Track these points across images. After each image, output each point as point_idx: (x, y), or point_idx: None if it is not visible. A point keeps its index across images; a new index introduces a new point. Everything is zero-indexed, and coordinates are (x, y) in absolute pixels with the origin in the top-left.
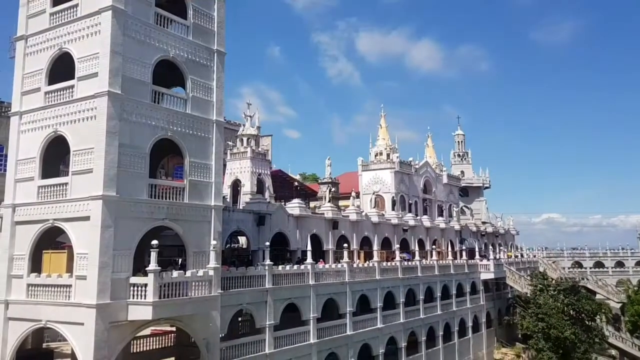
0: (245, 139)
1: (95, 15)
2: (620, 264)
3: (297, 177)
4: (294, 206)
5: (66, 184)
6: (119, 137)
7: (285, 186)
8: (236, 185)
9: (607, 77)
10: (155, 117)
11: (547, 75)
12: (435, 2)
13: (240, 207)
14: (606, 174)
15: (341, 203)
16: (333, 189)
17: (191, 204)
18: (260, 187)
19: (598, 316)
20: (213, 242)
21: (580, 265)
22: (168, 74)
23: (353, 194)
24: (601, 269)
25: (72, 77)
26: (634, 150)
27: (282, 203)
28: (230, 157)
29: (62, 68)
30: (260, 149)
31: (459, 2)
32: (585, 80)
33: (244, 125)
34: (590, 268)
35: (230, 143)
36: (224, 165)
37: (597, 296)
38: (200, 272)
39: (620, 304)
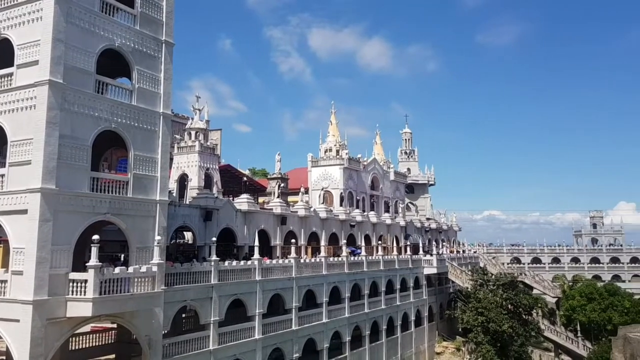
0: (193, 133)
1: (37, 0)
2: (556, 260)
3: (247, 172)
4: (242, 201)
5: (2, 175)
6: (59, 127)
7: (234, 181)
8: (183, 180)
9: (550, 79)
10: (98, 108)
11: (492, 76)
12: (386, 1)
13: (187, 202)
14: (545, 174)
15: (290, 199)
16: (282, 185)
17: (135, 198)
18: (208, 181)
19: (535, 310)
20: (157, 238)
21: (518, 261)
22: (113, 64)
23: (302, 189)
24: (538, 265)
25: (11, 65)
26: (571, 152)
27: (230, 198)
28: (178, 150)
29: (0, 55)
30: (208, 143)
31: (409, 3)
32: (528, 82)
33: (192, 118)
34: (528, 264)
35: (177, 136)
36: (171, 159)
37: (534, 291)
38: (144, 268)
39: (555, 299)
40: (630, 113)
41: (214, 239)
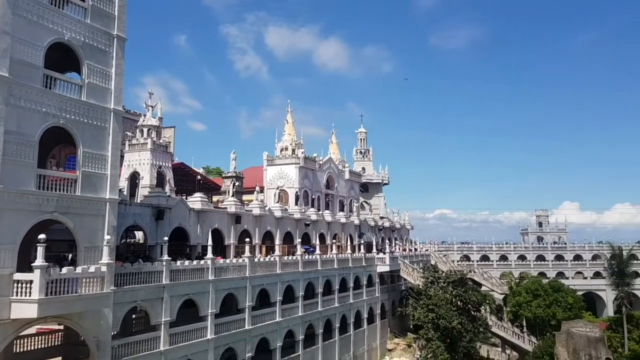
0: (145, 130)
1: None
2: (504, 257)
3: (201, 170)
4: (196, 200)
5: None
6: (4, 123)
7: (187, 180)
8: (134, 178)
9: (501, 82)
10: (46, 103)
11: (446, 78)
12: (343, 2)
13: (138, 201)
14: (495, 174)
15: (245, 197)
16: (237, 183)
17: (84, 196)
18: (160, 180)
19: (483, 307)
20: (107, 237)
21: (468, 259)
22: (62, 59)
23: (257, 188)
24: (487, 262)
25: None
26: (520, 153)
27: (184, 197)
28: (129, 148)
29: None
30: (161, 141)
31: (366, 4)
32: (480, 84)
33: (144, 115)
34: (477, 261)
35: (129, 133)
36: (122, 157)
37: (483, 288)
38: (92, 268)
39: (503, 295)
40: (576, 116)
41: (166, 238)
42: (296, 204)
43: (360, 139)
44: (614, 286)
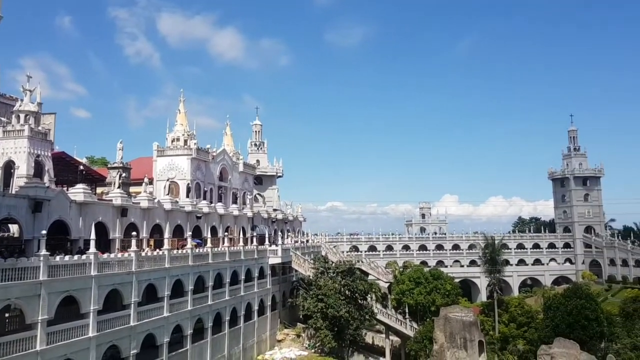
0: (22, 116)
1: None
2: (390, 247)
3: (84, 160)
4: (78, 192)
5: None
6: None
7: (69, 170)
8: (9, 167)
9: (390, 80)
10: None
11: (340, 74)
12: None
13: (13, 192)
14: (383, 168)
15: (133, 189)
16: (124, 175)
17: None
18: (38, 170)
19: (369, 295)
20: None
21: (357, 249)
22: None
23: (146, 180)
24: (374, 252)
25: None
26: (407, 148)
27: (65, 188)
28: (4, 135)
29: None
30: (40, 128)
31: None
32: (372, 82)
33: (22, 100)
34: (365, 251)
35: (3, 119)
36: None
37: (370, 277)
38: None
39: (388, 284)
40: (457, 114)
41: (44, 232)
42: (187, 196)
43: (255, 131)
44: (487, 273)
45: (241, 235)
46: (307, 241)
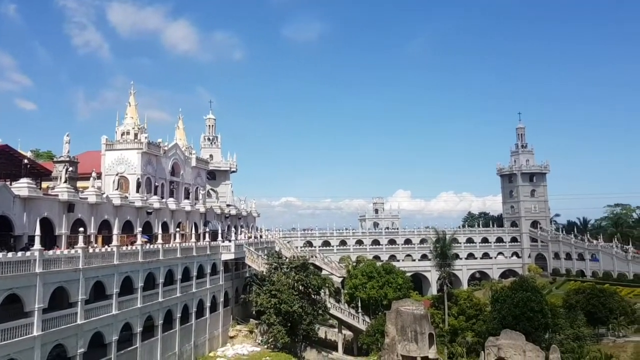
0: None
1: None
2: (343, 242)
3: (29, 154)
4: (22, 186)
5: None
6: None
7: (12, 164)
8: None
9: (345, 78)
10: None
11: (295, 69)
12: None
13: None
14: (337, 164)
15: (80, 184)
16: (71, 169)
17: None
18: None
19: (323, 290)
20: None
21: (310, 245)
22: None
23: (94, 174)
24: (328, 247)
25: None
26: (360, 143)
27: (7, 182)
28: None
29: None
30: None
31: None
32: (327, 78)
33: None
34: (319, 247)
35: None
36: None
37: (323, 272)
38: None
39: (341, 278)
40: (410, 111)
41: None
42: (137, 191)
43: (209, 126)
44: (438, 267)
45: (193, 231)
46: (261, 237)
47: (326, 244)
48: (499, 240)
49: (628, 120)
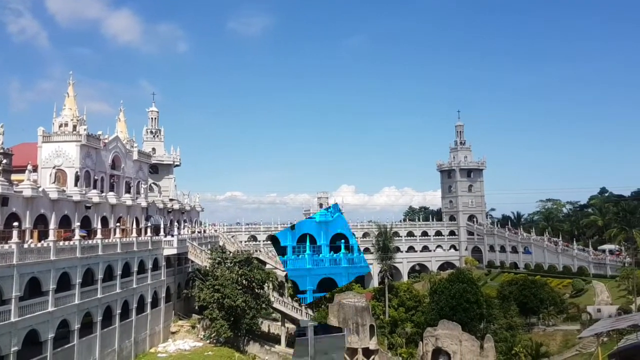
0: None
1: None
2: None
3: None
4: None
5: None
6: None
7: None
8: None
9: (292, 69)
10: None
11: (241, 63)
12: None
13: None
14: (282, 158)
15: (15, 177)
16: (5, 161)
17: None
18: None
19: (266, 284)
20: None
21: (255, 239)
22: None
23: (29, 167)
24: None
25: None
26: (304, 140)
27: None
28: None
29: None
30: None
31: None
32: (273, 70)
33: None
34: (264, 241)
35: None
36: None
37: (267, 266)
38: None
39: (285, 272)
40: (354, 108)
41: None
42: (76, 185)
43: (152, 118)
44: (380, 260)
45: (135, 226)
46: (205, 231)
47: (271, 238)
48: (438, 233)
49: (560, 118)
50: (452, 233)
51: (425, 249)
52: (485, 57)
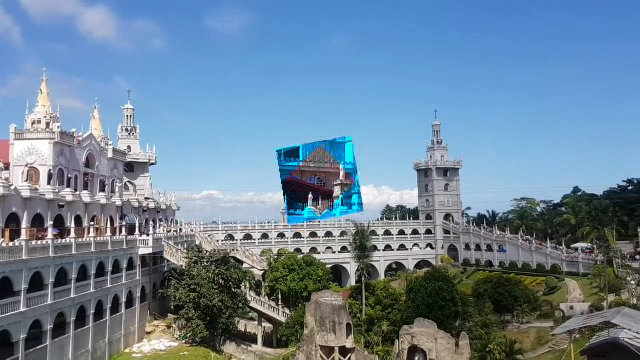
0: None
1: None
2: (265, 236)
3: None
4: None
5: None
6: None
7: None
8: None
9: (269, 68)
10: None
11: (219, 61)
12: None
13: None
14: (259, 157)
15: None
16: None
17: None
18: None
19: (243, 283)
20: None
21: (232, 238)
22: None
23: (1, 165)
24: (250, 241)
25: None
26: (281, 139)
27: None
28: None
29: None
30: None
31: None
32: (250, 68)
33: None
34: (241, 240)
35: None
36: None
37: (244, 265)
38: None
39: (262, 271)
40: (333, 107)
41: None
42: (49, 183)
43: (127, 116)
44: (357, 259)
45: (109, 225)
46: (181, 230)
47: (248, 237)
48: (415, 232)
49: (534, 118)
50: (428, 232)
51: (402, 247)
52: (462, 55)
